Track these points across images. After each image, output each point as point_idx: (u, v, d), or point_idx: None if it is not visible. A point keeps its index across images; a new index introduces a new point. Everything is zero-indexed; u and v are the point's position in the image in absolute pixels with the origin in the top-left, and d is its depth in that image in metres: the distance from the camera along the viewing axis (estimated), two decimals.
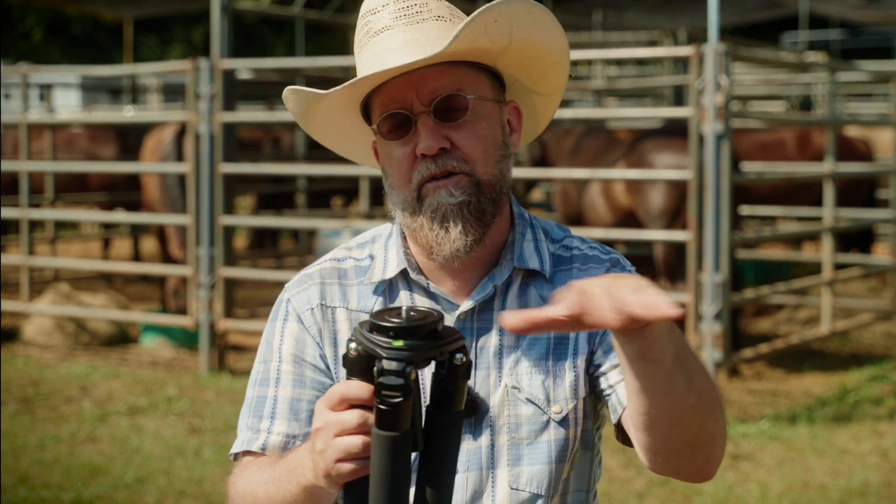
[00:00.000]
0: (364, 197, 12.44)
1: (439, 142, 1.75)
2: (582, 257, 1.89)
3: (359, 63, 1.82)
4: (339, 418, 1.51)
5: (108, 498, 5.35)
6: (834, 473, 5.81)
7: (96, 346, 8.95)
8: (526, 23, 1.78)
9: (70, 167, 11.08)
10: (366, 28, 1.81)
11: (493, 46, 1.78)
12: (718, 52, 6.68)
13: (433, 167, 1.76)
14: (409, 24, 1.78)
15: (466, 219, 1.76)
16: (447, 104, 1.76)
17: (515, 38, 1.79)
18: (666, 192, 7.92)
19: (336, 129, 1.94)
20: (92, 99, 27.39)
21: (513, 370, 1.82)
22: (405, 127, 1.77)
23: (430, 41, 1.76)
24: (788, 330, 9.40)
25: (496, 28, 1.75)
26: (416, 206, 1.78)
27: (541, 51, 1.84)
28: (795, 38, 23.63)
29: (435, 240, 1.77)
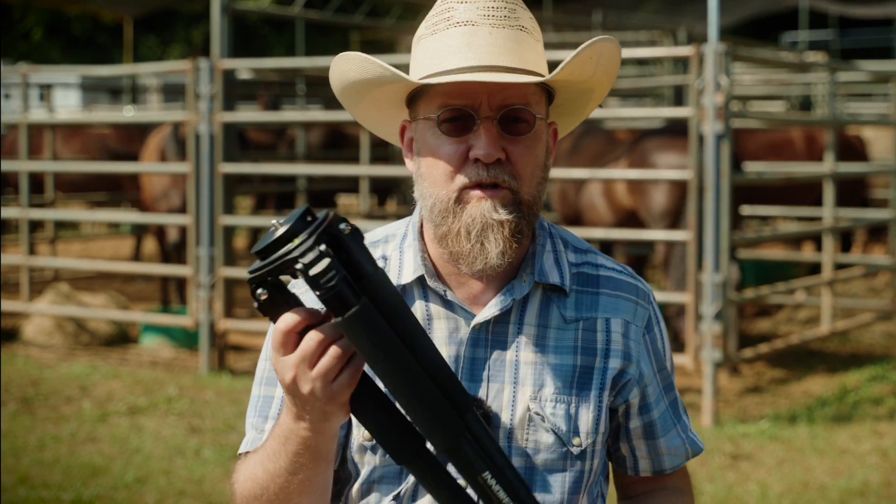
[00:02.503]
0: (364, 196, 12.45)
1: (497, 151, 1.71)
2: (612, 282, 1.85)
3: (426, 46, 1.75)
4: (298, 353, 1.48)
5: (108, 498, 5.34)
6: (834, 473, 5.81)
7: (96, 346, 8.95)
8: (608, 61, 1.77)
9: (70, 167, 11.09)
10: (447, 14, 1.74)
11: (578, 79, 1.77)
12: (718, 52, 6.68)
13: (484, 174, 1.71)
14: (495, 25, 1.73)
15: (506, 238, 1.71)
16: (514, 115, 1.72)
17: (596, 75, 1.78)
18: (669, 192, 7.92)
19: (376, 104, 1.86)
20: (92, 99, 27.39)
21: (537, 394, 1.78)
22: (465, 125, 1.72)
23: (513, 51, 1.72)
24: (788, 330, 9.40)
25: (589, 64, 1.74)
26: (453, 209, 1.73)
27: (601, 83, 1.83)
28: (795, 38, 23.63)
29: (470, 252, 1.72)
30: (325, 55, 8.94)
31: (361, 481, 1.81)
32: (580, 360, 1.80)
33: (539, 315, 1.80)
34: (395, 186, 13.35)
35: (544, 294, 1.81)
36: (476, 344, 1.79)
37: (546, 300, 1.81)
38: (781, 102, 15.13)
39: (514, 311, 1.80)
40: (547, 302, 1.81)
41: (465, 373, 1.78)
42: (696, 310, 6.81)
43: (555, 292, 1.82)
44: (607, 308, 1.83)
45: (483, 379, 1.78)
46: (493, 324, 1.79)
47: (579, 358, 1.80)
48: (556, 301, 1.81)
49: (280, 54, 26.75)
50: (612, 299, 1.83)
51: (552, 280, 1.81)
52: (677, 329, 7.54)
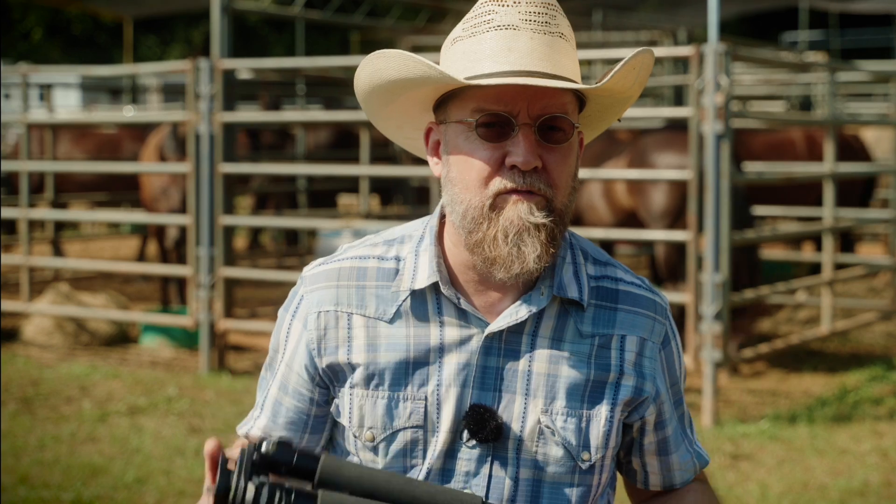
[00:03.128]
0: (364, 196, 12.45)
1: (535, 159, 1.69)
2: (630, 297, 1.83)
3: (464, 47, 1.73)
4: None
5: (108, 498, 5.34)
6: (834, 473, 5.81)
7: (96, 346, 8.95)
8: (644, 74, 1.77)
9: (70, 167, 11.09)
10: (487, 17, 1.72)
11: (619, 89, 1.76)
12: (718, 52, 6.68)
13: (521, 181, 1.69)
14: (537, 31, 1.70)
15: (543, 243, 1.69)
16: (553, 124, 1.71)
17: (634, 86, 1.78)
18: (669, 192, 7.92)
19: (404, 106, 1.83)
20: (92, 99, 27.39)
21: (548, 407, 1.76)
22: (503, 131, 1.70)
23: (553, 59, 1.70)
24: (788, 330, 9.41)
25: (631, 74, 1.73)
26: (488, 215, 1.70)
27: (633, 97, 1.82)
28: (795, 38, 23.63)
29: (508, 255, 1.70)
30: (325, 55, 8.93)
31: None
32: (593, 374, 1.78)
33: (555, 328, 1.78)
34: (397, 186, 13.35)
35: (561, 307, 1.79)
36: (488, 353, 1.77)
37: (563, 313, 1.79)
38: (781, 102, 15.13)
39: (530, 323, 1.78)
40: (564, 315, 1.79)
41: (476, 381, 1.76)
42: (696, 310, 6.81)
43: (572, 306, 1.79)
44: (624, 325, 1.81)
45: (494, 388, 1.76)
46: (507, 333, 1.77)
47: (593, 372, 1.78)
48: (573, 314, 1.79)
49: (280, 54, 26.75)
50: (630, 316, 1.82)
51: (570, 294, 1.78)
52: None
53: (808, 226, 10.31)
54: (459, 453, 1.76)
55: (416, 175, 9.42)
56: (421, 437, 1.77)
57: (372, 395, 1.78)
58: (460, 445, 1.76)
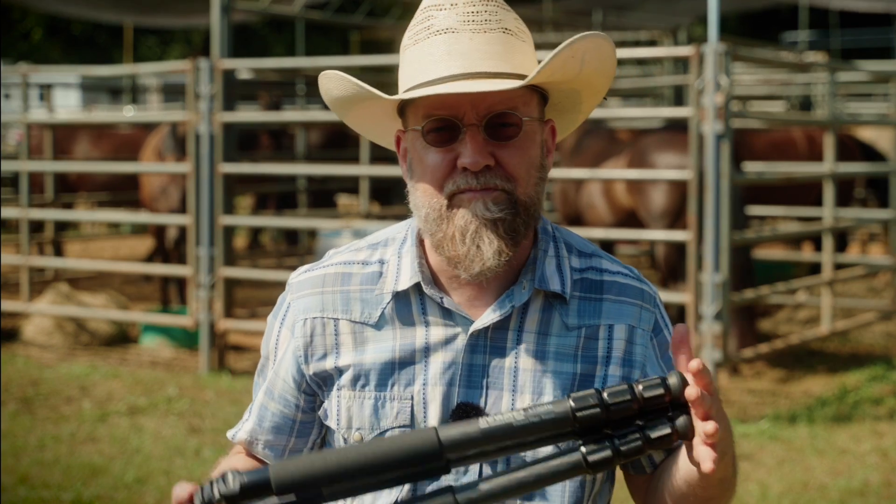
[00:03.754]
0: (364, 196, 12.44)
1: (485, 158, 1.69)
2: (616, 287, 1.82)
3: (410, 56, 1.74)
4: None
5: (108, 498, 5.34)
6: (834, 473, 5.81)
7: (96, 346, 8.95)
8: (595, 57, 1.74)
9: (70, 167, 11.09)
10: (427, 23, 1.73)
11: (563, 79, 1.74)
12: (718, 52, 6.68)
13: (473, 182, 1.69)
14: (476, 31, 1.70)
15: (501, 237, 1.69)
16: (500, 121, 1.70)
17: (583, 72, 1.75)
18: (668, 191, 7.92)
19: (365, 114, 1.86)
20: (92, 99, 27.40)
21: (535, 403, 1.75)
22: (451, 134, 1.70)
23: (496, 55, 1.70)
24: (788, 330, 9.40)
25: (572, 63, 1.71)
26: (446, 215, 1.71)
27: (596, 80, 1.80)
28: (795, 38, 23.63)
29: (466, 255, 1.70)
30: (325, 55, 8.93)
31: None
32: (580, 367, 1.78)
33: (540, 322, 1.78)
34: (397, 187, 13.34)
35: (546, 301, 1.79)
36: (474, 350, 1.77)
37: (547, 307, 1.79)
38: (781, 102, 15.13)
39: (514, 318, 1.77)
40: (548, 309, 1.79)
41: (462, 379, 1.76)
42: (696, 310, 6.81)
43: (556, 299, 1.79)
44: (610, 314, 1.80)
45: (481, 386, 1.76)
46: (492, 330, 1.77)
47: (579, 366, 1.78)
48: (557, 308, 1.79)
49: (280, 54, 26.75)
50: (616, 305, 1.81)
51: (552, 287, 1.78)
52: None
53: (808, 226, 10.31)
54: None
55: None
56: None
57: (359, 396, 1.79)
58: None
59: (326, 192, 13.47)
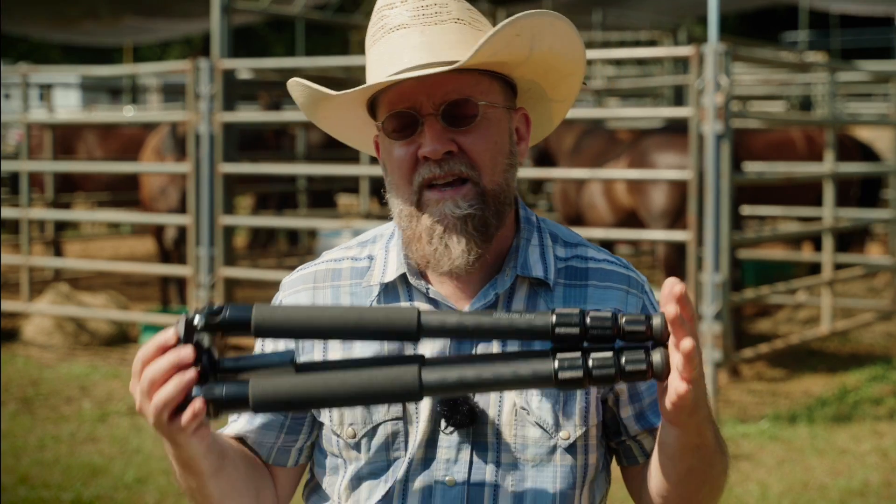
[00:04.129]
0: (364, 196, 12.45)
1: (445, 145, 1.71)
2: (600, 273, 1.83)
3: (370, 58, 1.77)
4: (143, 382, 1.51)
5: (108, 498, 5.35)
6: (834, 473, 5.81)
7: (96, 346, 8.96)
8: (548, 36, 1.73)
9: (70, 167, 11.09)
10: (381, 23, 1.76)
11: (511, 60, 1.74)
12: (718, 52, 6.68)
13: (437, 170, 1.71)
14: (426, 24, 1.73)
15: (471, 234, 1.71)
16: (457, 109, 1.72)
17: (536, 52, 1.74)
18: (669, 191, 7.92)
19: (341, 120, 1.90)
20: (92, 99, 27.40)
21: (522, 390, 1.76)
22: (411, 127, 1.73)
23: (448, 45, 1.72)
24: (788, 330, 9.40)
25: (517, 42, 1.70)
26: (415, 213, 1.73)
27: (559, 62, 1.79)
28: (795, 38, 23.64)
29: (433, 255, 1.72)
30: (325, 55, 8.93)
31: (350, 477, 1.81)
32: None
33: (525, 309, 1.79)
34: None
35: (531, 288, 1.81)
36: (461, 340, 1.78)
37: (532, 294, 1.80)
38: (781, 102, 15.13)
39: (500, 306, 1.79)
40: (533, 296, 1.80)
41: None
42: (696, 310, 6.80)
43: (541, 287, 1.81)
44: (594, 299, 1.81)
45: None
46: None
47: None
48: (542, 295, 1.80)
49: (280, 54, 26.75)
50: (601, 290, 1.82)
51: (535, 273, 1.80)
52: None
53: (808, 226, 10.32)
54: (439, 441, 1.76)
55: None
56: (401, 429, 1.77)
57: None
58: (439, 433, 1.76)
59: (327, 193, 13.48)
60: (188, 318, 1.52)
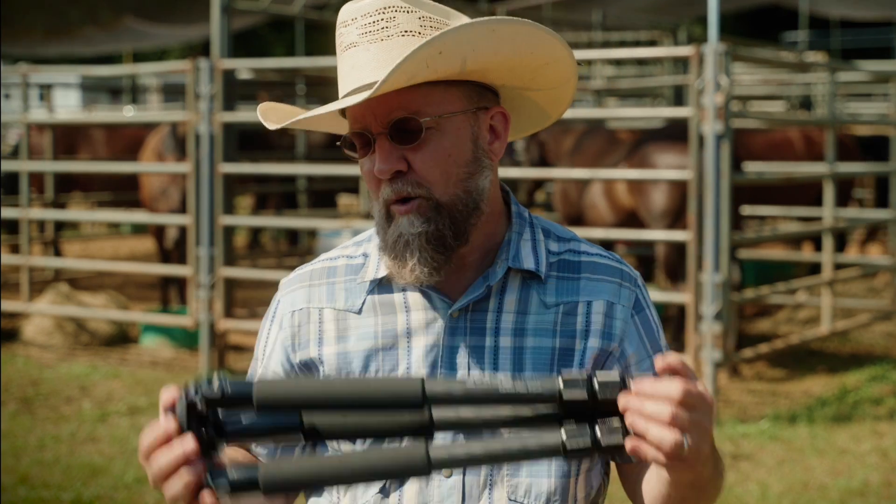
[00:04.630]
0: (364, 196, 12.44)
1: (393, 165, 1.71)
2: (593, 266, 1.84)
3: (338, 74, 1.80)
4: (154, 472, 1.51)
5: (108, 498, 5.35)
6: (834, 473, 5.81)
7: (96, 346, 8.96)
8: (484, 43, 1.70)
9: (70, 167, 11.09)
10: (339, 40, 1.78)
11: (442, 75, 1.71)
12: (718, 52, 6.68)
13: (388, 191, 1.73)
14: (372, 41, 1.72)
15: (423, 248, 1.72)
16: (402, 126, 1.72)
17: (471, 62, 1.71)
18: (669, 191, 7.92)
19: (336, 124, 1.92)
20: (92, 99, 27.40)
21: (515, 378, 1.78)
22: (367, 147, 1.75)
23: (392, 61, 1.68)
24: (788, 330, 9.40)
25: (441, 60, 1.67)
26: (384, 225, 1.76)
27: (516, 62, 1.77)
28: (795, 38, 23.64)
29: (395, 268, 1.75)
30: (325, 55, 8.94)
31: None
32: (559, 342, 1.79)
33: (518, 301, 1.81)
34: None
35: (523, 281, 1.82)
36: (454, 332, 1.79)
37: (525, 287, 1.81)
38: (781, 102, 15.13)
39: (493, 298, 1.80)
40: (526, 289, 1.81)
41: (444, 361, 1.79)
42: (696, 310, 6.81)
43: (533, 279, 1.82)
44: (587, 291, 1.82)
45: (463, 366, 1.79)
46: (472, 311, 1.80)
47: (558, 340, 1.80)
48: (535, 287, 1.81)
49: (280, 54, 26.75)
50: (593, 283, 1.83)
51: (526, 266, 1.81)
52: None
53: (808, 226, 10.32)
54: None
55: None
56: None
57: None
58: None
59: (327, 193, 13.48)
60: (189, 400, 1.52)
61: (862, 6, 16.31)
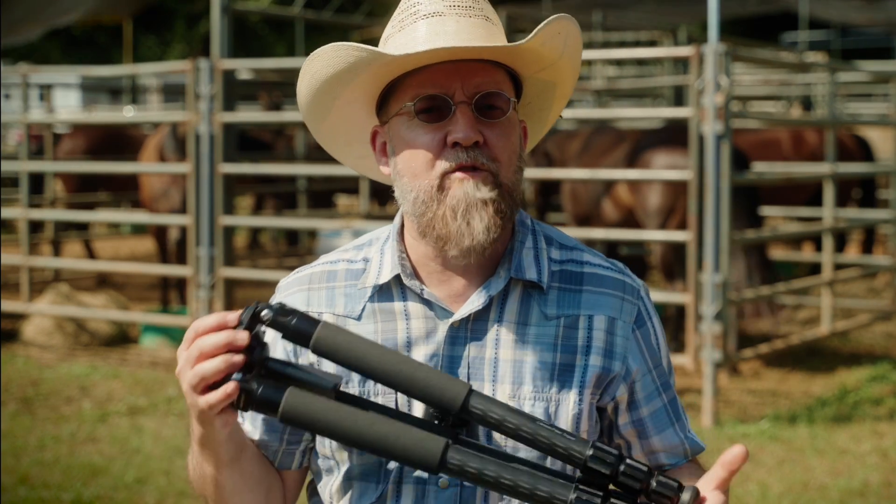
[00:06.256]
0: (364, 196, 12.45)
1: (476, 134, 1.72)
2: (596, 278, 1.84)
3: (397, 42, 1.76)
4: (192, 348, 1.54)
5: (108, 498, 5.35)
6: (834, 473, 5.81)
7: (96, 346, 8.95)
8: (573, 47, 1.78)
9: (69, 167, 11.09)
10: (413, 9, 1.76)
11: (547, 55, 1.77)
12: (718, 52, 6.68)
13: (464, 157, 1.71)
14: (461, 15, 1.75)
15: (491, 216, 1.72)
16: (489, 101, 1.73)
17: (563, 58, 1.79)
18: (660, 190, 7.93)
19: (344, 115, 1.86)
20: (92, 99, 27.40)
21: (515, 392, 1.77)
22: (441, 112, 1.73)
23: (482, 38, 1.73)
24: (788, 330, 9.41)
25: (556, 40, 1.74)
26: (436, 196, 1.73)
27: (567, 77, 1.84)
28: (795, 39, 23.63)
29: (457, 231, 1.71)
30: None
31: (342, 478, 1.81)
32: (560, 357, 1.79)
33: (519, 312, 1.80)
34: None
35: (524, 291, 1.81)
36: (454, 342, 1.78)
37: (526, 297, 1.80)
38: (781, 102, 15.13)
39: (494, 309, 1.79)
40: (527, 299, 1.80)
41: (443, 371, 1.77)
42: (696, 310, 6.81)
43: (535, 289, 1.81)
44: (589, 305, 1.81)
45: (461, 377, 1.77)
46: (472, 321, 1.79)
47: (559, 355, 1.79)
48: (536, 298, 1.81)
49: (280, 54, 26.74)
50: (595, 296, 1.82)
51: (529, 276, 1.80)
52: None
53: (808, 226, 10.32)
54: None
55: None
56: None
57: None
58: None
59: (326, 193, 13.48)
60: (257, 308, 1.54)
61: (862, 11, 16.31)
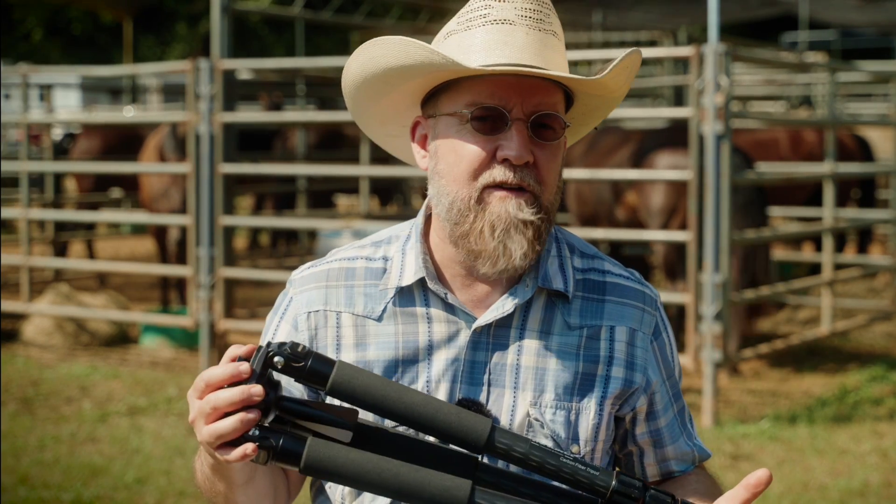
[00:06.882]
0: (364, 196, 12.45)
1: (528, 154, 1.70)
2: (618, 289, 1.83)
3: (461, 40, 1.73)
4: (205, 403, 1.51)
5: (108, 498, 5.34)
6: (834, 473, 5.81)
7: (96, 346, 8.95)
8: (632, 74, 1.78)
9: (68, 167, 11.09)
10: (483, 11, 1.73)
11: (612, 87, 1.77)
12: (718, 52, 6.67)
13: (511, 176, 1.69)
14: (532, 27, 1.72)
15: (530, 241, 1.70)
16: (545, 121, 1.72)
17: (623, 86, 1.79)
18: (663, 189, 7.92)
19: (391, 102, 1.83)
20: (92, 99, 27.41)
21: (537, 400, 1.76)
22: (496, 125, 1.71)
23: (548, 56, 1.71)
24: (788, 330, 9.40)
25: (624, 73, 1.74)
26: (475, 208, 1.71)
27: (616, 102, 1.84)
28: (795, 39, 23.63)
29: (494, 250, 1.70)
30: (325, 55, 8.93)
31: None
32: (582, 367, 1.78)
33: (542, 321, 1.79)
34: (396, 187, 13.35)
35: (548, 299, 1.80)
36: (476, 347, 1.77)
37: (550, 306, 1.79)
38: (782, 102, 15.13)
39: (517, 316, 1.78)
40: (551, 307, 1.79)
41: (464, 376, 1.76)
42: (696, 310, 6.81)
43: (559, 298, 1.80)
44: (612, 316, 1.81)
45: (483, 383, 1.76)
46: (495, 328, 1.77)
47: (581, 365, 1.78)
48: (560, 307, 1.80)
49: (280, 54, 26.74)
50: (618, 307, 1.82)
51: (555, 286, 1.79)
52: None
53: (808, 226, 10.31)
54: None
55: (417, 175, 9.41)
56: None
57: None
58: None
59: (325, 193, 13.48)
60: (269, 353, 1.50)
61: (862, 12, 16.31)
